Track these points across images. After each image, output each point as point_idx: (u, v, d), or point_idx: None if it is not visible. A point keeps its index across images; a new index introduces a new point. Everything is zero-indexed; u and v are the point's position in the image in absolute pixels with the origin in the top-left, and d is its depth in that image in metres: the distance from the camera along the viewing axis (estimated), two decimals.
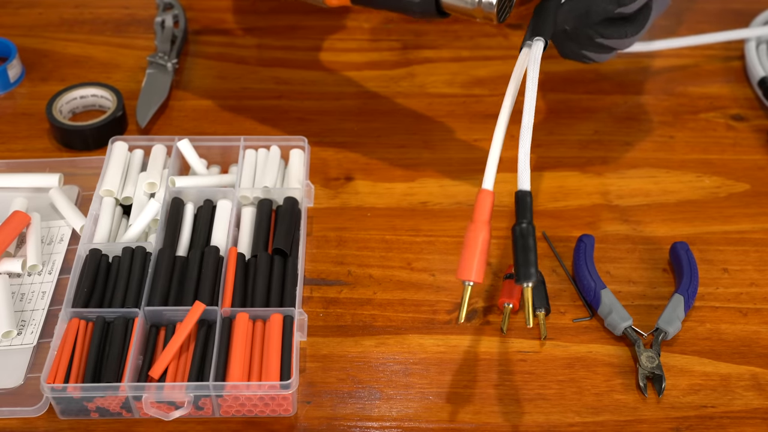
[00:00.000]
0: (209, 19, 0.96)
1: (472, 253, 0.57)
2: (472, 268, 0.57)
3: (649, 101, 0.87)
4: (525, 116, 0.62)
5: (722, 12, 0.97)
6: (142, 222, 0.70)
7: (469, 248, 0.57)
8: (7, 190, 0.75)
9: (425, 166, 0.79)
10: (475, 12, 0.66)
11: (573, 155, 0.81)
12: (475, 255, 0.57)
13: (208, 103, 0.86)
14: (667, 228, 0.75)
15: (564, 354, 0.66)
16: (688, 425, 0.62)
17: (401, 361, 0.65)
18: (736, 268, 0.72)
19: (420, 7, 0.67)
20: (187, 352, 0.63)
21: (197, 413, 0.61)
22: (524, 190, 0.59)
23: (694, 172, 0.80)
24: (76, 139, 0.80)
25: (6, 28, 0.94)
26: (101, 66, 0.89)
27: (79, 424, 0.61)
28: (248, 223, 0.72)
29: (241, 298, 0.66)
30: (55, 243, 0.71)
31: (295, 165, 0.76)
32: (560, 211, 0.76)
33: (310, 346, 0.66)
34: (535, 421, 0.62)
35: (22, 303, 0.67)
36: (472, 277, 0.57)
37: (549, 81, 0.88)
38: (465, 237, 0.58)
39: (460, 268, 0.57)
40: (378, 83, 0.88)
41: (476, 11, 0.66)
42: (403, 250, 0.72)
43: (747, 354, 0.66)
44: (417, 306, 0.69)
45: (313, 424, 0.61)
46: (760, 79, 0.86)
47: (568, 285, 0.70)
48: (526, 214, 0.58)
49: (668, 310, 0.66)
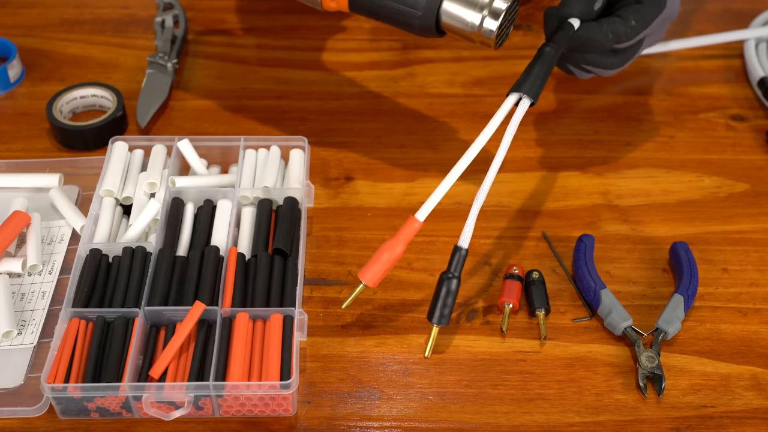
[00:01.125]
0: (209, 19, 0.96)
1: (378, 261, 0.64)
2: (370, 273, 0.64)
3: (649, 101, 0.87)
4: (489, 174, 0.65)
5: (722, 12, 0.97)
6: (143, 222, 0.70)
7: (377, 257, 0.64)
8: (7, 190, 0.75)
9: (425, 166, 0.79)
10: (474, 36, 0.67)
11: (573, 155, 0.81)
12: (377, 264, 0.64)
13: (208, 103, 0.86)
14: (667, 228, 0.75)
15: (564, 354, 0.66)
16: (688, 425, 0.62)
17: (401, 361, 0.65)
18: (736, 268, 0.72)
19: (420, 23, 0.67)
20: (187, 352, 0.63)
21: (197, 413, 0.61)
22: (461, 246, 0.64)
23: (694, 172, 0.80)
24: (76, 139, 0.80)
25: (6, 28, 0.94)
26: (101, 66, 0.89)
27: (80, 424, 0.61)
28: (248, 223, 0.72)
29: (241, 298, 0.66)
30: (56, 243, 0.71)
31: (295, 165, 0.76)
32: (560, 211, 0.76)
33: (310, 346, 0.66)
34: (535, 421, 0.62)
35: (22, 303, 0.67)
36: (367, 280, 0.64)
37: (549, 81, 0.88)
38: (380, 246, 0.64)
39: (363, 269, 0.64)
40: (378, 83, 0.88)
41: (475, 36, 0.67)
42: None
43: (747, 354, 0.66)
44: (417, 306, 0.69)
45: (313, 424, 0.61)
46: (759, 79, 0.86)
47: (568, 285, 0.70)
48: (457, 268, 0.64)
49: (668, 310, 0.66)
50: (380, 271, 0.64)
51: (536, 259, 0.72)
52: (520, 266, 0.69)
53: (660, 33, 0.78)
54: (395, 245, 0.64)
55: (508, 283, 0.68)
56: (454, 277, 0.64)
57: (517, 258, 0.72)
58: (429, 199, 0.65)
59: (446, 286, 0.64)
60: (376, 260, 0.64)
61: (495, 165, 0.65)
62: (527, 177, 0.79)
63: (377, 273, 0.64)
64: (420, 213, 0.65)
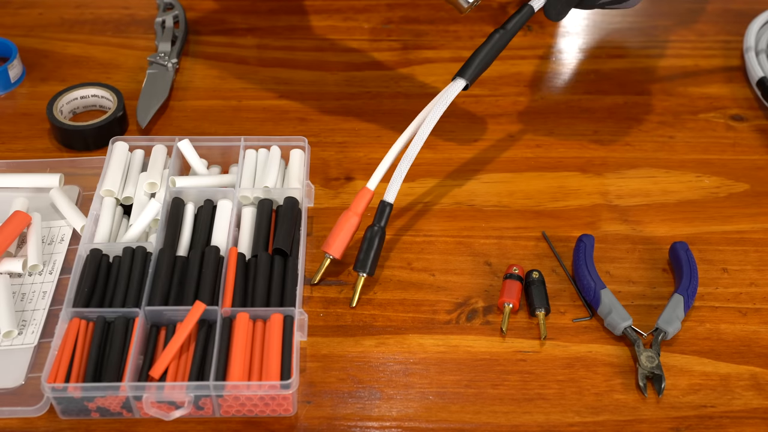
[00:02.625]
0: (209, 20, 0.96)
1: (339, 233, 0.68)
2: (334, 244, 0.68)
3: (649, 101, 0.87)
4: (415, 141, 0.69)
5: (722, 12, 0.97)
6: (143, 222, 0.70)
7: (337, 229, 0.69)
8: (7, 190, 0.75)
9: (425, 166, 0.79)
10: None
11: (573, 155, 0.81)
12: (339, 235, 0.68)
13: (209, 103, 0.86)
14: (666, 228, 0.75)
15: (564, 354, 0.66)
16: (688, 425, 0.62)
17: (401, 361, 0.65)
18: (735, 268, 0.72)
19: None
20: (188, 352, 0.63)
21: (197, 413, 0.62)
22: (387, 201, 0.69)
23: (694, 172, 0.80)
24: (76, 139, 0.80)
25: (6, 28, 0.94)
26: (101, 66, 0.89)
27: (80, 424, 0.61)
28: (248, 223, 0.72)
29: (242, 298, 0.66)
30: (56, 243, 0.71)
31: (295, 165, 0.76)
32: (560, 211, 0.76)
33: (310, 346, 0.66)
34: (535, 421, 0.62)
35: (22, 303, 0.67)
36: (331, 251, 0.68)
37: (549, 81, 0.89)
38: (338, 220, 0.69)
39: (325, 243, 0.69)
40: (378, 83, 0.88)
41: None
42: (403, 250, 0.73)
43: (747, 354, 0.66)
44: (417, 306, 0.69)
45: (313, 424, 0.61)
46: (759, 79, 0.86)
47: (568, 285, 0.70)
48: (381, 219, 0.69)
49: (668, 310, 0.66)
50: (343, 243, 0.68)
51: (536, 259, 0.72)
52: (520, 266, 0.69)
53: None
54: (351, 216, 0.69)
55: (508, 283, 0.68)
56: (379, 228, 0.69)
57: (517, 258, 0.72)
58: (377, 169, 0.70)
59: (369, 233, 0.68)
60: (337, 233, 0.68)
61: (423, 132, 0.69)
62: (527, 177, 0.79)
63: (341, 245, 0.68)
64: (370, 182, 0.70)
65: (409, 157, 0.69)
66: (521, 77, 0.89)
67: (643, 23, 0.96)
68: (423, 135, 0.69)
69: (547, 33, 0.94)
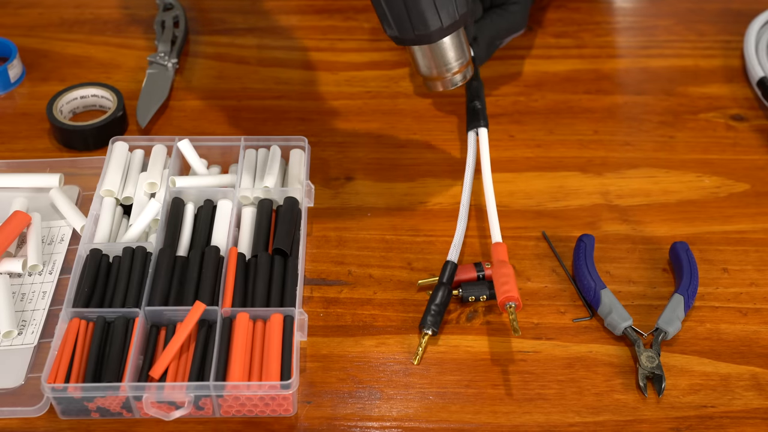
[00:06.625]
0: (209, 19, 0.96)
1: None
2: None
3: (649, 101, 0.87)
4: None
5: (722, 12, 0.97)
6: (143, 222, 0.70)
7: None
8: (7, 190, 0.75)
9: (425, 166, 0.79)
10: (429, 76, 0.72)
11: (573, 155, 0.81)
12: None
13: (208, 103, 0.86)
14: (667, 228, 0.75)
15: (564, 354, 0.66)
16: (688, 425, 0.62)
17: (401, 361, 0.65)
18: (736, 268, 0.72)
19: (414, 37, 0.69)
20: (188, 352, 0.63)
21: (197, 413, 0.62)
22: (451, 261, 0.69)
23: (694, 172, 0.80)
24: (76, 139, 0.80)
25: (6, 28, 0.94)
26: (101, 66, 0.89)
27: (80, 424, 0.61)
28: (248, 223, 0.72)
29: (242, 298, 0.66)
30: (56, 243, 0.71)
31: (295, 165, 0.76)
32: (560, 211, 0.76)
33: (310, 346, 0.66)
34: (535, 421, 0.62)
35: (22, 303, 0.67)
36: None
37: (549, 81, 0.89)
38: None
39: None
40: (378, 83, 0.88)
41: (430, 76, 0.72)
42: (403, 250, 0.73)
43: (747, 354, 0.66)
44: (417, 306, 0.69)
45: (313, 424, 0.61)
46: (759, 79, 0.86)
47: (568, 285, 0.70)
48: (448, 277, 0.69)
49: (668, 310, 0.66)
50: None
51: (536, 259, 0.72)
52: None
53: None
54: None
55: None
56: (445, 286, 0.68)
57: (518, 258, 0.72)
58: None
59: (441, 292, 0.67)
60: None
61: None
62: (527, 177, 0.79)
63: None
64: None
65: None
66: (521, 77, 0.89)
67: (643, 23, 0.96)
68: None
69: (547, 33, 0.94)
